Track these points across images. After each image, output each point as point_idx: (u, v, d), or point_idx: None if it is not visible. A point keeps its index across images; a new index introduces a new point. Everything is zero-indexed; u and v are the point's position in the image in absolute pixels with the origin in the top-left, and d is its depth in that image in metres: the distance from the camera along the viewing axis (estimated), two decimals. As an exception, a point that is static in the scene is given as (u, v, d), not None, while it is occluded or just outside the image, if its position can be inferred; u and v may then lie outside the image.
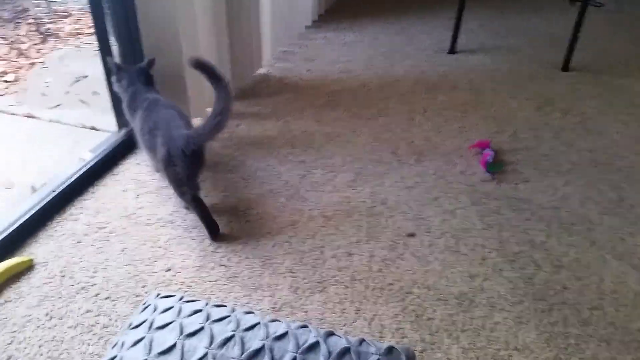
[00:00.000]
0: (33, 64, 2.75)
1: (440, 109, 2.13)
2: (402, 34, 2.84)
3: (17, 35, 3.05)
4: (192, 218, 1.57)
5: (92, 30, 1.80)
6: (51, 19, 3.20)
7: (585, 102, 2.17)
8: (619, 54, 2.58)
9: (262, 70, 2.45)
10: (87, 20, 3.12)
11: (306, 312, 1.28)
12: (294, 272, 1.39)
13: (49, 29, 3.11)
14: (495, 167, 1.76)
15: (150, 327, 1.09)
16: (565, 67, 2.43)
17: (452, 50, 2.63)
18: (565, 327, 1.23)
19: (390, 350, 1.06)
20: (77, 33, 3.08)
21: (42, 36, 3.04)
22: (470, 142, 1.91)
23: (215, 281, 1.37)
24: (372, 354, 1.04)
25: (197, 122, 1.81)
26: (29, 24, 3.19)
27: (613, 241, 1.47)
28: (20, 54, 2.84)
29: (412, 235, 1.51)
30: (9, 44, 2.94)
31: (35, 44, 2.96)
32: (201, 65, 1.43)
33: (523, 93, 2.24)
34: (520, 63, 2.50)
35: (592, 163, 1.80)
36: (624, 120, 2.04)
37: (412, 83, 2.34)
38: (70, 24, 3.13)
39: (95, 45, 1.80)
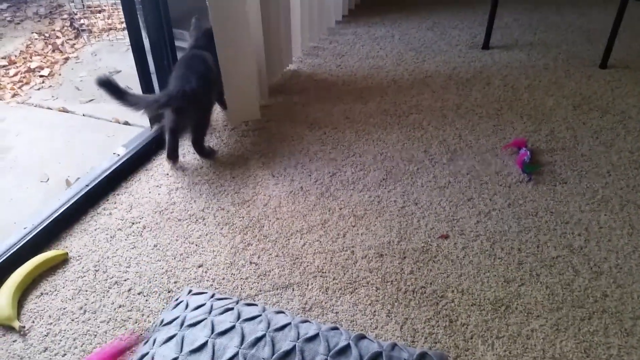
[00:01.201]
0: (67, 58, 2.78)
1: (474, 107, 2.09)
2: (434, 29, 2.80)
3: (52, 30, 3.09)
4: (224, 215, 1.57)
5: (124, 25, 1.81)
6: (84, 14, 3.24)
7: (624, 100, 2.10)
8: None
9: (292, 66, 2.44)
10: (120, 15, 3.15)
11: (336, 313, 1.27)
12: (324, 272, 1.38)
13: (82, 24, 3.15)
14: (532, 167, 1.71)
15: (182, 325, 1.09)
16: (604, 64, 2.35)
17: (486, 46, 2.57)
18: (606, 336, 1.19)
19: (423, 356, 1.04)
20: (110, 28, 3.11)
21: (75, 31, 3.08)
22: (506, 141, 1.87)
23: (246, 279, 1.36)
24: (405, 359, 1.02)
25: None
26: (64, 19, 3.23)
27: (655, 246, 1.43)
28: (55, 49, 2.88)
29: (445, 237, 1.48)
30: (44, 39, 2.99)
31: (69, 39, 3.00)
32: (106, 84, 1.57)
33: (560, 91, 2.18)
34: (557, 59, 2.43)
35: (633, 164, 1.74)
36: (666, 120, 1.96)
37: (444, 79, 2.29)
38: (103, 19, 3.16)
39: (127, 40, 1.82)
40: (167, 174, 1.76)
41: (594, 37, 2.63)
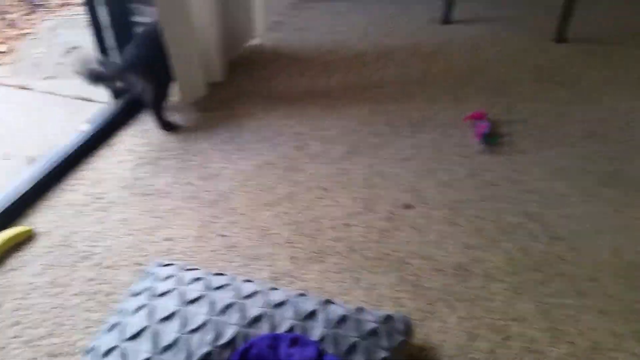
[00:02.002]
0: (23, 34, 2.70)
1: (436, 80, 2.13)
2: (397, 3, 2.81)
3: (4, 5, 2.99)
4: (191, 189, 1.58)
5: (82, 0, 1.77)
6: (40, -13, 3.14)
7: (582, 73, 2.16)
8: (618, 24, 2.57)
9: (254, 41, 2.42)
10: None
11: (305, 281, 1.30)
12: (292, 243, 1.41)
13: (38, -2, 3.05)
14: (491, 139, 1.77)
15: (152, 295, 1.11)
16: (562, 38, 2.41)
17: (447, 21, 2.60)
18: (562, 298, 1.25)
19: (388, 318, 1.09)
20: (67, 3, 3.02)
21: (30, 6, 2.98)
22: (466, 113, 1.92)
23: (214, 251, 1.38)
24: (370, 321, 1.06)
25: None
26: (17, -8, 3.13)
27: (609, 213, 1.49)
28: (9, 24, 2.79)
29: (409, 206, 1.52)
30: (-3, 14, 2.89)
31: (24, 14, 2.90)
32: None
33: (519, 64, 2.23)
34: (517, 33, 2.48)
35: (589, 134, 1.81)
36: (620, 92, 2.04)
37: (407, 54, 2.32)
38: (59, -7, 3.07)
39: (85, 15, 1.78)
40: (131, 150, 1.74)
41: (552, 12, 2.69)
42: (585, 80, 2.12)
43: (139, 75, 1.75)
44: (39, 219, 1.47)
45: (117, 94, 1.91)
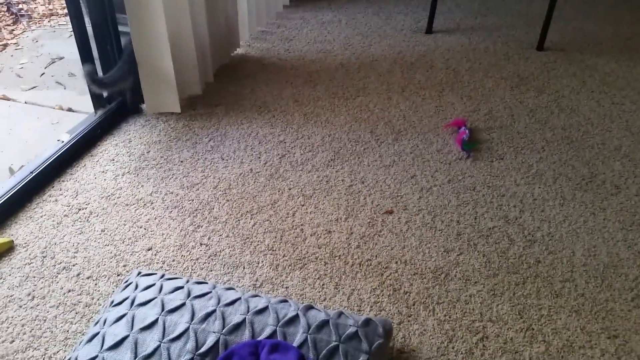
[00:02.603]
0: (6, 45, 2.70)
1: (418, 89, 2.16)
2: (380, 14, 2.85)
3: (-12, 16, 2.99)
4: (172, 198, 1.58)
5: (66, 11, 1.78)
6: (23, -1, 3.14)
7: (559, 81, 2.21)
8: (593, 33, 2.62)
9: (240, 51, 2.44)
10: (61, 0, 3.07)
11: (286, 288, 1.31)
12: (274, 250, 1.42)
13: (21, 9, 3.05)
14: (471, 145, 1.79)
15: (132, 304, 1.11)
16: (540, 47, 2.46)
17: (429, 30, 2.64)
18: (538, 299, 1.27)
19: (367, 322, 1.10)
20: (51, 14, 3.03)
21: (13, 17, 2.98)
22: (447, 121, 1.95)
23: (196, 259, 1.38)
24: (350, 325, 1.07)
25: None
26: (0, 4, 3.12)
27: (585, 216, 1.52)
28: (-8, 35, 2.79)
29: (390, 212, 1.54)
30: (-20, 25, 2.89)
31: (7, 25, 2.90)
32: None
33: (498, 72, 2.27)
34: (496, 43, 2.53)
35: (566, 140, 1.85)
36: (596, 99, 2.08)
37: (390, 63, 2.35)
38: (43, 5, 3.07)
39: (70, 26, 1.78)
40: (113, 160, 1.75)
41: (531, 21, 2.75)
42: (563, 87, 2.16)
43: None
44: (19, 230, 1.46)
45: (98, 104, 1.92)
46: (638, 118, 1.96)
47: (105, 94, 1.94)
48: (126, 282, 1.21)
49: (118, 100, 1.97)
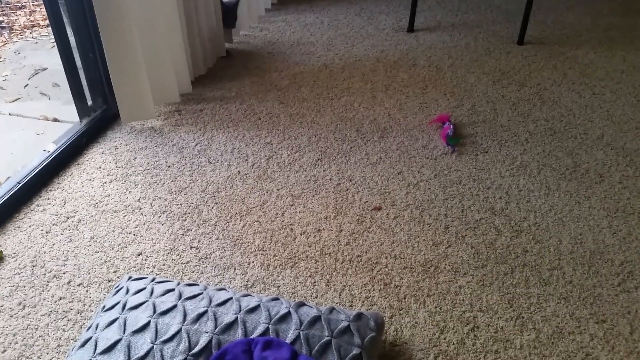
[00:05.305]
0: (-12, 57, 2.68)
1: (402, 87, 2.18)
2: (362, 14, 2.87)
3: (-31, 29, 2.97)
4: (161, 204, 1.58)
5: (48, 22, 1.77)
6: (3, 11, 3.12)
7: (540, 73, 2.24)
8: (572, 26, 2.66)
9: (224, 54, 2.45)
10: (43, 11, 3.06)
11: (278, 287, 1.31)
12: (264, 250, 1.42)
13: (1, 21, 3.03)
14: (455, 140, 1.81)
15: (123, 308, 1.11)
16: (520, 41, 2.49)
17: (411, 29, 2.67)
18: (527, 287, 1.29)
19: (359, 316, 1.11)
20: (33, 25, 3.01)
21: (-5, 29, 2.97)
22: (431, 117, 1.97)
23: (186, 263, 1.39)
24: (342, 320, 1.08)
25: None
26: (-19, 17, 3.11)
27: (570, 205, 1.54)
28: (-26, 48, 2.77)
29: (378, 209, 1.55)
30: (-39, 39, 2.87)
31: (-11, 38, 2.89)
32: None
33: (480, 68, 2.30)
34: (477, 39, 2.56)
35: (549, 132, 1.87)
36: (577, 90, 2.11)
37: (373, 62, 2.37)
38: (24, 16, 3.06)
39: (52, 37, 1.78)
40: (100, 167, 1.74)
41: (511, 16, 2.78)
42: (544, 80, 2.19)
43: None
44: (7, 241, 1.46)
45: (83, 113, 1.92)
46: (618, 107, 2.00)
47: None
48: (117, 287, 1.21)
49: (103, 108, 1.97)
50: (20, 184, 1.60)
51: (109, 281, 1.34)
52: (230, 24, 2.40)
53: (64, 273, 1.36)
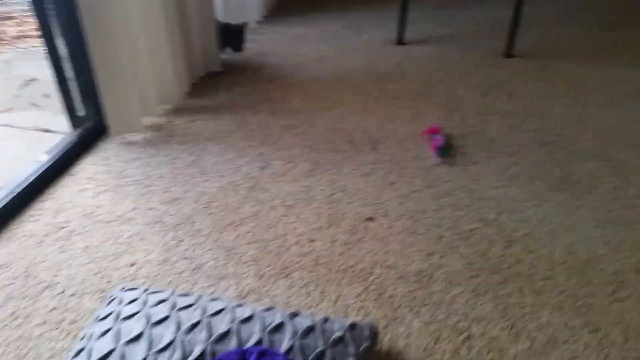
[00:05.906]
0: (-23, 68, 2.67)
1: (392, 99, 2.20)
2: (352, 27, 2.90)
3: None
4: (154, 214, 1.58)
5: (38, 32, 1.78)
6: (-7, 22, 3.12)
7: (528, 86, 2.27)
8: (558, 39, 2.71)
9: (215, 66, 2.46)
10: (32, 22, 3.05)
11: (272, 297, 1.31)
12: (258, 260, 1.42)
13: (-9, 32, 3.03)
14: (446, 151, 1.83)
15: (117, 318, 1.10)
16: (508, 54, 2.53)
17: (400, 42, 2.70)
18: (520, 297, 1.30)
19: (353, 326, 1.11)
20: (23, 36, 3.01)
21: (-15, 40, 2.95)
22: (422, 128, 1.98)
23: (180, 273, 1.38)
24: (337, 330, 1.08)
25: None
26: (-30, 28, 3.10)
27: (561, 215, 1.56)
28: (-37, 58, 2.76)
29: (371, 219, 1.56)
30: (-50, 49, 2.85)
31: (-22, 48, 2.87)
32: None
33: (469, 80, 2.33)
34: (466, 51, 2.59)
35: (538, 143, 1.90)
36: (565, 102, 2.15)
37: (363, 74, 2.39)
38: (14, 27, 3.05)
39: (43, 47, 1.78)
40: (92, 178, 1.74)
41: (498, 30, 2.82)
42: (532, 92, 2.23)
43: None
44: (-1, 252, 1.45)
45: (75, 123, 1.91)
46: (606, 119, 2.03)
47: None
48: (110, 297, 1.20)
49: (94, 119, 1.96)
50: (12, 195, 1.58)
51: (102, 291, 1.33)
52: (237, 47, 2.41)
53: (57, 283, 1.34)
